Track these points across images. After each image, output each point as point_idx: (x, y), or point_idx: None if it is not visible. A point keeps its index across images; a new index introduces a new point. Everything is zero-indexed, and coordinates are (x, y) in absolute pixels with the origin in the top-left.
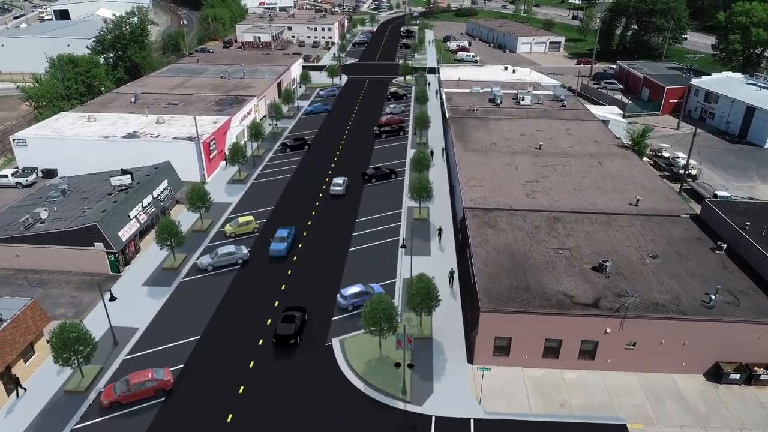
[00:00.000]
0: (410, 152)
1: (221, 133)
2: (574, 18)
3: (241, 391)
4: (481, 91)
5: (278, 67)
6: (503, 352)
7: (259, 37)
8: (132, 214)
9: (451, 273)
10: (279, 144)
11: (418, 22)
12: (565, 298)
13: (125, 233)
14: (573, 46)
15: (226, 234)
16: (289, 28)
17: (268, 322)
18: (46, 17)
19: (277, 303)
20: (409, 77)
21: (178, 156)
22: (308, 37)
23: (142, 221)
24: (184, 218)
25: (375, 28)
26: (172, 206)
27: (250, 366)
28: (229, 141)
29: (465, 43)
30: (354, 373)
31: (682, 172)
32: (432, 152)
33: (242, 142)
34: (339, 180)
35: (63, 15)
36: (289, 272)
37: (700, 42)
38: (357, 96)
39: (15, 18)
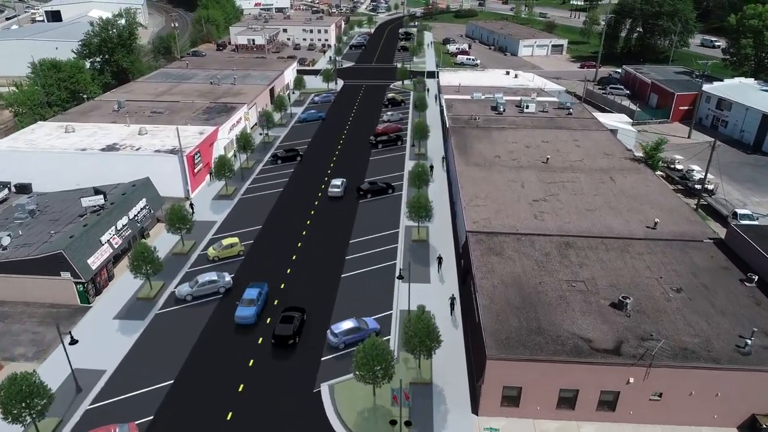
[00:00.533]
0: (408, 164)
1: (207, 145)
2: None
3: None
4: (483, 97)
5: (271, 72)
6: (512, 402)
7: (253, 40)
8: (104, 238)
9: (452, 300)
10: (270, 155)
11: (416, 24)
12: (582, 342)
13: (96, 260)
14: (576, 49)
15: (209, 258)
16: (284, 30)
17: (251, 362)
18: (37, 18)
19: (261, 339)
20: (407, 82)
21: (160, 170)
22: (304, 39)
23: (115, 245)
24: (164, 240)
25: (372, 30)
26: (152, 226)
27: (228, 418)
28: (216, 153)
29: (465, 46)
30: (345, 427)
31: (698, 186)
32: (431, 166)
33: (230, 154)
34: (337, 182)
35: (55, 16)
36: (276, 302)
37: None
38: (353, 102)
39: (7, 19)
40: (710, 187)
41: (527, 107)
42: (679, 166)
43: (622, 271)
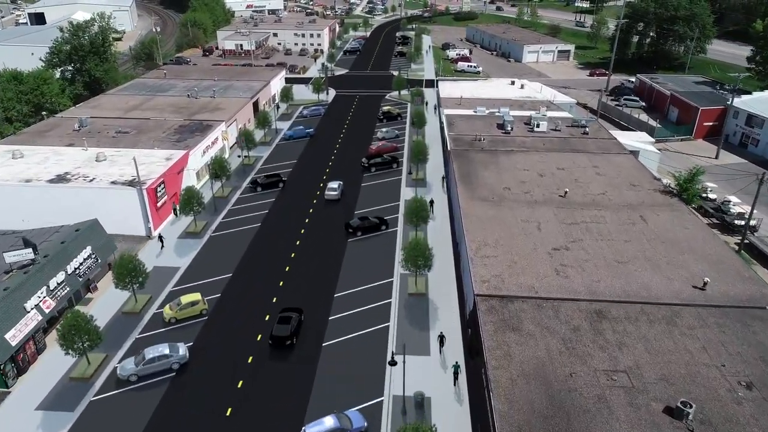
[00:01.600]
0: (405, 191)
1: (175, 173)
2: (578, 24)
3: None
4: (487, 112)
5: (255, 82)
6: None
7: (240, 45)
8: (31, 303)
9: (456, 369)
10: (248, 181)
11: (414, 27)
12: None
13: (17, 334)
14: (583, 55)
15: (165, 319)
16: (275, 35)
17: None
18: (20, 21)
19: (259, 336)
20: (404, 92)
21: (116, 205)
22: (295, 44)
23: (47, 310)
24: (113, 295)
25: (368, 34)
26: (101, 276)
27: None
28: (185, 182)
29: (466, 51)
30: None
31: (738, 222)
32: (432, 202)
33: (202, 183)
34: (334, 184)
35: (38, 19)
36: (240, 384)
37: (724, 51)
38: (345, 115)
39: None
40: (752, 222)
41: (538, 125)
42: (712, 196)
43: (673, 356)
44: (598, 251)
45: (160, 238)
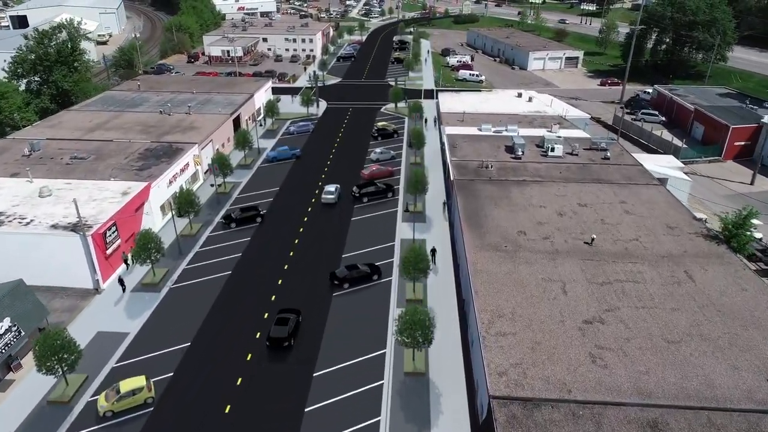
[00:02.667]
0: (400, 228)
1: (132, 210)
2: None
3: None
4: (493, 130)
5: (237, 95)
6: None
7: (227, 51)
8: None
9: None
10: (220, 217)
11: (412, 30)
12: None
13: None
14: (591, 61)
15: (99, 413)
16: (264, 40)
17: None
18: (2, 24)
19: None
20: (401, 104)
21: (56, 254)
22: (286, 50)
23: None
24: (39, 378)
25: (364, 38)
26: (26, 351)
27: None
28: (145, 221)
29: (467, 58)
30: None
31: None
32: (434, 251)
33: (167, 219)
34: (331, 188)
35: (21, 22)
36: None
37: (743, 58)
38: (336, 132)
39: None
40: None
41: (552, 149)
42: (757, 234)
43: None
44: (641, 325)
45: (121, 281)
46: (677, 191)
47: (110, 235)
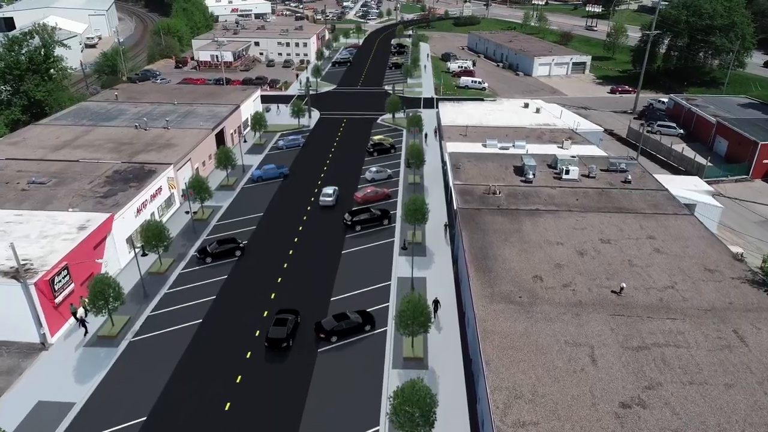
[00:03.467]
0: (397, 261)
1: (89, 248)
2: (589, 28)
3: None
4: (499, 146)
5: (222, 107)
6: None
7: (217, 56)
8: None
9: None
10: (195, 250)
11: (411, 33)
12: None
13: None
14: (600, 67)
15: None
16: (256, 44)
17: None
18: None
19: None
20: (399, 114)
21: None
22: (279, 54)
23: None
24: None
25: (361, 42)
26: None
27: None
28: (106, 262)
29: (469, 63)
30: None
31: None
32: (437, 303)
33: (132, 255)
34: (329, 190)
35: (8, 24)
36: None
37: (758, 64)
38: (329, 146)
39: None
40: None
41: (567, 172)
42: None
43: None
44: (691, 410)
45: (83, 323)
46: (707, 219)
47: (60, 281)
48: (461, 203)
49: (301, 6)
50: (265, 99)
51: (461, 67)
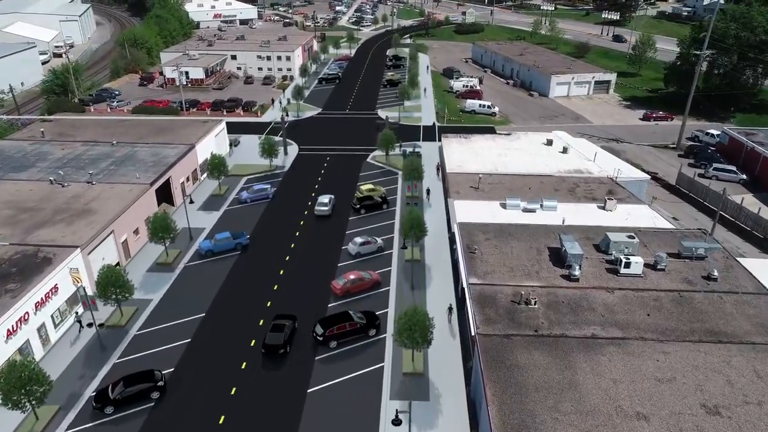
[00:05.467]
0: (386, 409)
1: None
2: (616, 39)
3: None
4: (523, 207)
5: (171, 148)
6: None
7: (186, 73)
8: None
9: None
10: (93, 390)
11: (409, 41)
12: None
13: None
14: (625, 85)
15: None
16: (233, 57)
17: None
18: None
19: None
20: (396, 150)
21: None
22: (259, 68)
23: None
24: None
25: (353, 52)
26: None
27: None
28: None
29: (475, 82)
30: None
31: None
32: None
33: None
34: (324, 199)
35: None
36: None
37: None
38: (305, 199)
39: None
40: None
41: (627, 264)
42: None
43: None
44: None
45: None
46: None
47: None
48: (481, 322)
49: (290, 11)
50: (235, 128)
51: (466, 86)
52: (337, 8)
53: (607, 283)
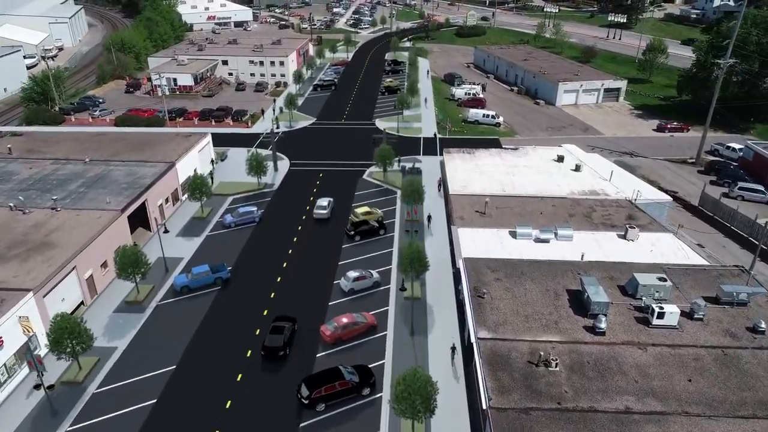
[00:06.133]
0: None
1: None
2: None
3: None
4: (535, 237)
5: (148, 167)
6: None
7: (174, 80)
8: None
9: None
10: None
11: (409, 44)
12: None
13: None
14: (635, 92)
15: None
16: (224, 62)
17: None
18: None
19: None
20: (394, 166)
21: None
22: (251, 74)
23: None
24: None
25: (351, 56)
26: None
27: None
28: None
29: (477, 89)
30: None
31: None
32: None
33: None
34: (323, 202)
35: None
36: None
37: None
38: (295, 222)
39: None
40: None
41: (660, 314)
42: None
43: None
44: None
45: None
46: None
47: None
48: (494, 391)
49: (287, 13)
50: (224, 139)
51: (469, 94)
52: (335, 10)
53: (637, 336)
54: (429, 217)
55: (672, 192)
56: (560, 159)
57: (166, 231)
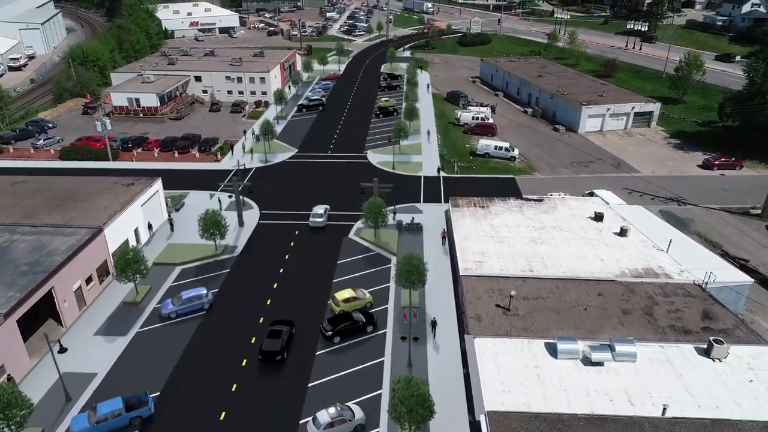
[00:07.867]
0: None
1: None
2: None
3: None
4: (584, 360)
5: (64, 235)
6: None
7: (137, 100)
8: None
9: None
10: None
11: (407, 54)
12: None
13: None
14: (667, 115)
15: None
16: (198, 79)
17: None
18: None
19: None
20: (389, 217)
21: None
22: (228, 92)
23: None
24: None
25: (342, 69)
26: None
27: None
28: None
29: (486, 112)
30: None
31: None
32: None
33: None
34: (320, 210)
35: None
36: None
37: None
38: (255, 311)
39: None
40: None
41: None
42: None
43: None
44: None
45: None
46: None
47: None
48: None
49: (276, 18)
50: (185, 178)
51: (476, 118)
52: (328, 15)
53: None
54: (434, 323)
55: (742, 260)
56: (599, 218)
57: (62, 350)
